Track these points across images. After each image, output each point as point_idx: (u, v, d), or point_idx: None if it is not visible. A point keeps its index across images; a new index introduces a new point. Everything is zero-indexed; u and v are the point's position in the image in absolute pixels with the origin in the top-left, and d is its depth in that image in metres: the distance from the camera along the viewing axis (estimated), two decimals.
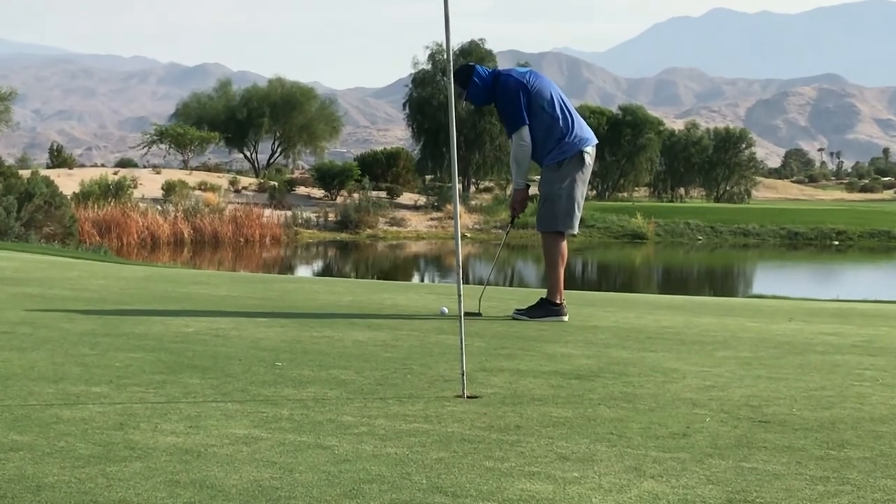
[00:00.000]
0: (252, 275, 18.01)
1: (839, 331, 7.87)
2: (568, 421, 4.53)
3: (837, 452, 4.05)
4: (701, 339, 7.25)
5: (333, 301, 9.54)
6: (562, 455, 3.94)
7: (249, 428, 4.28)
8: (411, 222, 57.42)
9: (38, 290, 9.98)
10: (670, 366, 5.99)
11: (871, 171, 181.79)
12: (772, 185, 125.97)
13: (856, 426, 4.50)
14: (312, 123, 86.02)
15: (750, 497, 3.44)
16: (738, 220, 60.18)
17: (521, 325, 7.84)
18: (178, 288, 10.59)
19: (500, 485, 3.53)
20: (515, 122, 8.15)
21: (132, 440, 4.04)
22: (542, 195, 8.39)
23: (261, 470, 3.65)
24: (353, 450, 3.95)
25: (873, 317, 9.31)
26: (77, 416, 4.43)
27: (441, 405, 4.81)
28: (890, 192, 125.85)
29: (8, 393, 4.89)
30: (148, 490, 3.39)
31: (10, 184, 29.52)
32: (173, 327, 7.22)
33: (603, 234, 55.40)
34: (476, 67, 8.35)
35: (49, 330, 6.98)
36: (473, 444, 4.09)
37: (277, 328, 7.31)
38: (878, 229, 57.92)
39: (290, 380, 5.34)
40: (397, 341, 6.80)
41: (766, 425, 4.49)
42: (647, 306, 9.99)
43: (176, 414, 4.51)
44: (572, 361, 6.10)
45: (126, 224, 43.50)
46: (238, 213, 49.40)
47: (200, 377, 5.36)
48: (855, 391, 5.30)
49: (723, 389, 5.29)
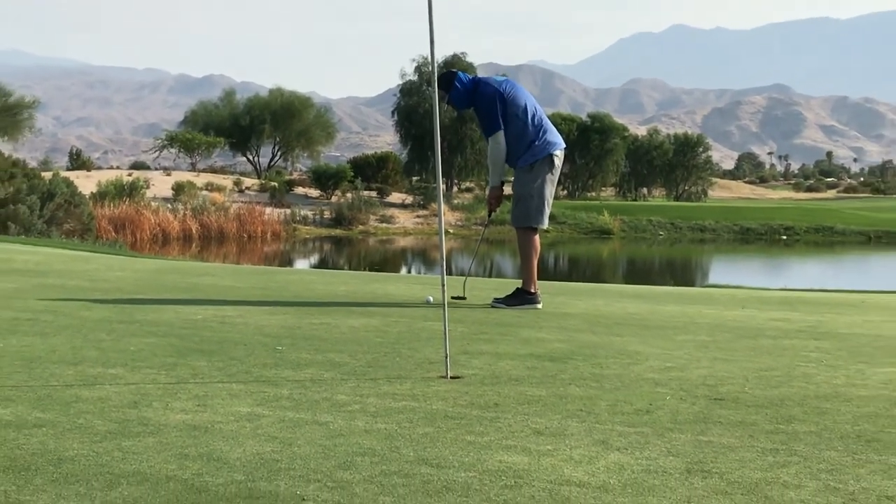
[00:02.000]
0: (255, 267, 17.95)
1: (787, 317, 7.89)
2: (542, 399, 4.53)
3: (786, 427, 4.06)
4: (662, 324, 7.26)
5: (329, 291, 9.52)
6: (536, 430, 3.94)
7: (252, 406, 4.27)
8: (399, 219, 57.38)
9: (58, 280, 9.94)
10: (635, 349, 6.00)
11: (816, 173, 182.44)
12: (726, 186, 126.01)
13: (802, 403, 4.52)
14: (309, 129, 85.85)
15: (707, 467, 3.45)
16: (696, 217, 60.33)
17: (500, 312, 7.85)
18: (186, 279, 10.56)
19: (480, 457, 3.53)
20: (492, 128, 8.19)
21: (145, 417, 4.03)
22: (515, 194, 8.41)
23: (262, 444, 3.64)
24: (347, 426, 3.95)
25: (818, 304, 9.34)
26: (95, 396, 4.42)
27: (427, 385, 4.81)
28: (833, 192, 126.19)
29: (32, 375, 4.87)
30: (160, 462, 3.39)
31: (34, 184, 29.36)
32: (183, 315, 7.20)
33: (573, 229, 55.46)
34: (458, 74, 8.38)
35: (69, 317, 6.95)
36: (456, 420, 4.09)
37: (278, 315, 7.30)
38: (823, 225, 58.18)
39: (289, 362, 5.34)
40: (387, 327, 6.80)
41: (721, 402, 4.50)
42: (614, 295, 10.00)
43: (185, 393, 4.50)
44: (546, 345, 6.11)
45: (139, 221, 43.41)
46: (241, 212, 49.30)
47: (207, 360, 5.35)
48: (801, 371, 5.32)
49: (682, 370, 5.30)
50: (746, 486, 3.24)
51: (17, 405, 4.22)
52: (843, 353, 6.01)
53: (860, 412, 4.35)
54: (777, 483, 3.29)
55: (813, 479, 3.33)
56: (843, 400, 4.60)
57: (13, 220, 27.47)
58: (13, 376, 4.83)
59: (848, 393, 4.77)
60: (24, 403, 4.25)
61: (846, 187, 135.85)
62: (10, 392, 4.47)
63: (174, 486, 3.14)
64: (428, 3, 5.31)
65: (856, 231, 56.64)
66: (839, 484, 3.29)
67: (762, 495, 3.16)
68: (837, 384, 4.99)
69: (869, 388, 4.91)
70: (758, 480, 3.31)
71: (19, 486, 3.13)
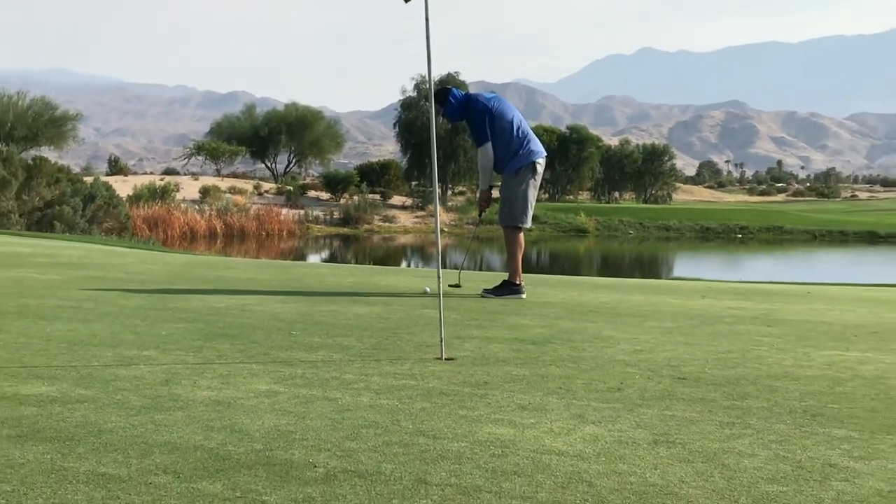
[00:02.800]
0: (272, 261, 17.93)
1: (742, 306, 7.90)
2: (525, 378, 4.53)
3: (741, 403, 4.07)
4: (632, 312, 7.27)
5: (338, 282, 9.52)
6: (521, 405, 3.94)
7: (270, 384, 4.27)
8: (400, 219, 57.34)
9: (99, 273, 9.92)
10: (607, 334, 6.00)
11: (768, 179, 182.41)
12: (688, 190, 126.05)
13: (755, 382, 4.52)
14: (321, 140, 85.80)
15: (671, 438, 3.45)
16: (662, 217, 60.34)
17: (488, 301, 7.84)
18: (212, 272, 10.55)
19: (471, 429, 3.53)
20: (481, 139, 8.22)
21: (175, 394, 4.03)
22: (502, 197, 8.42)
23: (279, 417, 3.64)
24: (354, 401, 3.95)
25: (769, 295, 9.35)
26: (131, 375, 4.41)
27: (424, 365, 4.81)
28: (782, 196, 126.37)
29: (75, 356, 4.87)
30: (188, 434, 3.38)
31: (77, 188, 29.32)
32: (208, 303, 7.20)
33: (553, 229, 55.44)
34: (452, 90, 8.42)
35: (108, 305, 6.94)
36: (450, 396, 4.09)
37: (292, 304, 7.29)
38: (774, 225, 58.23)
39: (302, 345, 5.33)
40: (389, 314, 6.79)
41: (683, 381, 4.51)
42: (589, 286, 10.00)
43: (210, 373, 4.50)
44: (529, 331, 6.11)
45: (170, 220, 43.36)
46: (260, 212, 49.28)
47: (230, 343, 5.34)
48: (755, 354, 5.33)
49: (649, 353, 5.30)
50: (706, 455, 3.25)
51: (62, 383, 4.21)
52: (792, 337, 6.02)
53: (806, 390, 4.36)
54: (733, 452, 3.29)
55: (765, 449, 3.34)
56: (792, 379, 4.61)
57: (59, 220, 27.43)
58: (58, 357, 4.82)
59: (796, 373, 4.78)
60: (68, 381, 4.25)
61: (794, 192, 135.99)
62: (56, 371, 4.47)
63: (201, 455, 3.14)
64: (426, 28, 5.30)
65: (802, 230, 56.68)
66: (788, 453, 3.30)
67: (720, 463, 3.16)
68: (786, 365, 4.99)
69: (814, 368, 4.92)
70: (716, 450, 3.31)
71: (64, 454, 3.13)
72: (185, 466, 3.01)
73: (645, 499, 2.80)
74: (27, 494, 2.74)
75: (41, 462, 3.04)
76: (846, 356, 5.31)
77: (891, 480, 3.02)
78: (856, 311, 7.69)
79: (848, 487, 2.94)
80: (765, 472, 3.07)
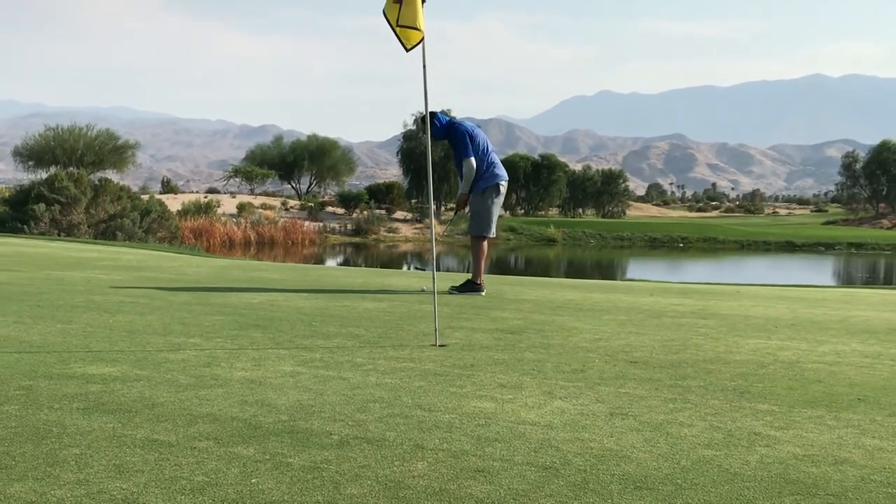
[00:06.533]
0: (296, 265, 17.91)
1: (683, 302, 7.91)
2: (505, 361, 4.53)
3: (682, 382, 4.07)
4: (592, 307, 7.27)
5: (350, 282, 9.51)
6: (501, 384, 3.94)
7: (294, 366, 4.26)
8: (402, 231, 57.27)
9: (152, 274, 9.90)
10: (572, 325, 6.01)
11: (705, 198, 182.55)
12: (639, 207, 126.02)
13: (694, 365, 4.53)
14: (337, 165, 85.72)
15: (624, 412, 3.46)
16: (617, 229, 60.35)
17: (474, 297, 7.84)
18: (246, 273, 10.54)
19: (460, 403, 3.53)
20: (466, 153, 8.26)
21: (216, 374, 4.02)
22: (471, 211, 8.47)
23: (301, 394, 3.63)
24: (363, 380, 3.95)
25: (705, 294, 9.36)
26: (179, 358, 4.40)
27: (421, 351, 4.81)
28: (716, 212, 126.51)
29: (132, 342, 4.86)
30: (226, 407, 3.38)
31: (135, 204, 29.29)
32: (243, 299, 7.19)
33: (527, 238, 55.40)
34: (437, 114, 8.49)
35: (160, 300, 6.93)
36: (442, 376, 4.09)
37: (312, 300, 7.29)
38: (709, 236, 58.25)
39: (321, 334, 5.33)
40: (393, 308, 6.79)
41: (635, 364, 4.51)
42: (557, 286, 10.00)
43: (245, 357, 4.49)
44: (507, 322, 6.11)
45: (212, 231, 43.21)
46: (287, 224, 49.15)
47: (261, 332, 5.34)
48: (693, 342, 5.34)
49: (607, 341, 5.31)
50: (653, 425, 3.25)
51: (121, 365, 4.20)
52: (724, 328, 6.03)
53: (735, 371, 4.37)
54: (675, 423, 3.30)
55: (701, 421, 3.35)
56: (724, 363, 4.62)
57: (120, 230, 27.40)
58: (119, 343, 4.81)
59: (727, 357, 4.79)
60: (126, 363, 4.24)
61: (726, 209, 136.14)
62: (117, 355, 4.46)
63: (237, 424, 3.13)
64: (423, 72, 5.32)
65: (733, 241, 56.71)
66: (720, 424, 3.30)
67: (664, 432, 3.17)
68: (719, 351, 5.00)
69: (742, 353, 4.93)
70: (661, 421, 3.32)
71: (123, 423, 3.12)
72: (224, 434, 3.01)
73: (603, 461, 2.80)
74: (93, 457, 2.73)
75: (105, 430, 3.03)
76: (768, 344, 5.32)
77: (805, 446, 3.03)
78: (776, 307, 7.71)
79: (770, 452, 2.95)
80: (701, 440, 3.08)
